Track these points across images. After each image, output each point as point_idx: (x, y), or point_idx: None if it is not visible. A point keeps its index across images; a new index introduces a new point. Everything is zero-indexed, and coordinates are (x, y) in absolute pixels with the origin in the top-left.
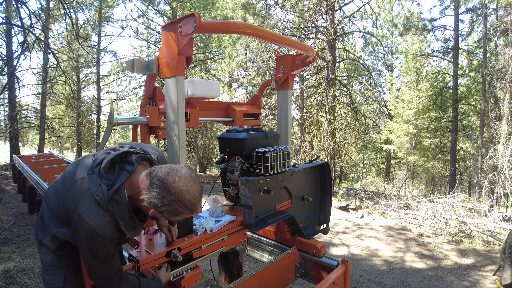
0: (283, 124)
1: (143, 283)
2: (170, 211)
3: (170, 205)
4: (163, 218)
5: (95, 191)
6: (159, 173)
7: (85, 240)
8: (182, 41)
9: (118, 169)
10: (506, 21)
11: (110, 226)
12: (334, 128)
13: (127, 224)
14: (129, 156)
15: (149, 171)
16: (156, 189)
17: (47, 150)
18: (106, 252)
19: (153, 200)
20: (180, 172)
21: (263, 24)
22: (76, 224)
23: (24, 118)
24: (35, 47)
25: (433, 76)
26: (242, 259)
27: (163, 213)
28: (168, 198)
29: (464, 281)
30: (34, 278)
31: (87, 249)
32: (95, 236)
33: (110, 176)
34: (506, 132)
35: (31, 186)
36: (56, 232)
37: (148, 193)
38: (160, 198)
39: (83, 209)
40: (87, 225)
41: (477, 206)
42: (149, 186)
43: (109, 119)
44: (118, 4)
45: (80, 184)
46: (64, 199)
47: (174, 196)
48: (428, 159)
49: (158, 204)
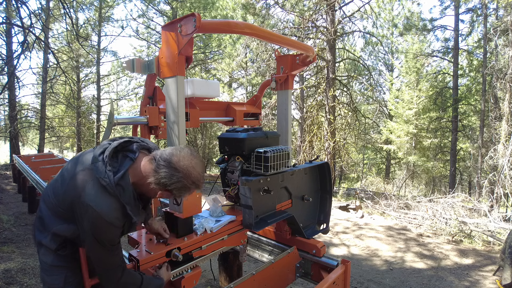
0: (283, 124)
1: (145, 279)
2: (179, 188)
3: (179, 182)
4: (172, 196)
5: (102, 176)
6: (163, 155)
7: (91, 227)
8: (182, 41)
9: (121, 157)
10: (506, 21)
11: (117, 211)
12: (334, 128)
13: (133, 209)
14: (130, 145)
15: (152, 156)
16: (164, 169)
17: (47, 150)
18: (112, 240)
19: (162, 180)
20: (183, 151)
21: (263, 24)
22: (81, 213)
23: (24, 118)
24: (35, 47)
25: (433, 76)
26: (242, 259)
27: (173, 191)
28: (176, 176)
29: (464, 281)
30: (34, 278)
31: (92, 238)
32: (102, 222)
33: (114, 163)
34: (506, 132)
35: (31, 186)
36: (57, 229)
37: (156, 175)
38: (169, 177)
39: (88, 197)
40: (93, 211)
41: (477, 206)
42: (155, 168)
43: (109, 119)
44: (118, 4)
45: (82, 175)
46: (65, 193)
47: (181, 173)
48: (428, 159)
49: (168, 183)
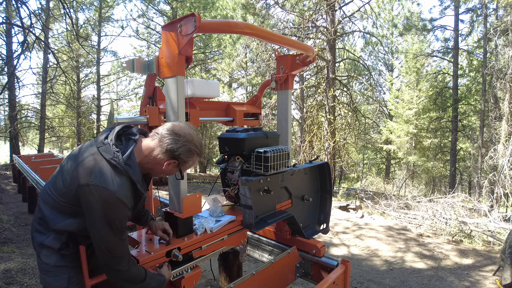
0: (283, 124)
1: (148, 274)
2: (186, 152)
3: (185, 146)
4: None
5: (111, 157)
6: (164, 128)
7: (102, 208)
8: (182, 41)
9: (125, 140)
10: (506, 21)
11: (127, 190)
12: (334, 128)
13: (141, 186)
14: (130, 129)
15: (153, 133)
16: (168, 137)
17: (47, 150)
18: (122, 221)
19: (169, 147)
20: (181, 123)
21: (263, 24)
22: (90, 197)
23: (24, 118)
24: (35, 47)
25: (433, 76)
26: (242, 259)
27: (180, 156)
28: (182, 140)
29: (464, 281)
30: (34, 278)
31: (103, 221)
32: (115, 201)
33: (120, 145)
34: (506, 132)
35: (31, 186)
36: (62, 225)
37: (162, 144)
38: (174, 142)
39: (98, 178)
40: (106, 191)
41: (477, 206)
42: (160, 139)
43: (109, 119)
44: (118, 4)
45: (87, 161)
46: (70, 183)
47: (185, 138)
48: (428, 159)
49: (174, 148)
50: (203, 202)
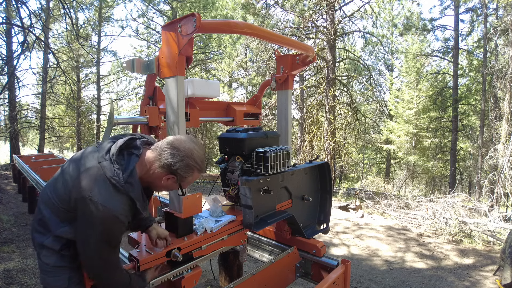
0: (283, 124)
1: (132, 278)
2: (184, 167)
3: (183, 160)
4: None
5: (111, 175)
6: (165, 141)
7: (100, 225)
8: (182, 41)
9: (127, 155)
10: (506, 21)
11: (126, 211)
12: (334, 128)
13: (141, 204)
14: (134, 142)
15: (154, 146)
16: (167, 151)
17: (47, 150)
18: (117, 238)
19: (167, 161)
20: (183, 137)
21: (263, 24)
22: (88, 212)
23: (24, 118)
24: (35, 47)
25: (433, 76)
26: (242, 259)
27: (178, 171)
28: (180, 155)
29: (464, 281)
30: (34, 278)
31: (98, 236)
32: (114, 220)
33: (121, 161)
34: (506, 132)
35: (31, 186)
36: (61, 232)
37: (160, 158)
38: (172, 156)
39: (98, 195)
40: (104, 209)
41: (477, 206)
42: (160, 152)
43: (109, 119)
44: (118, 4)
45: (89, 174)
46: (70, 192)
47: (184, 152)
48: (428, 159)
49: (172, 162)
50: (203, 202)
